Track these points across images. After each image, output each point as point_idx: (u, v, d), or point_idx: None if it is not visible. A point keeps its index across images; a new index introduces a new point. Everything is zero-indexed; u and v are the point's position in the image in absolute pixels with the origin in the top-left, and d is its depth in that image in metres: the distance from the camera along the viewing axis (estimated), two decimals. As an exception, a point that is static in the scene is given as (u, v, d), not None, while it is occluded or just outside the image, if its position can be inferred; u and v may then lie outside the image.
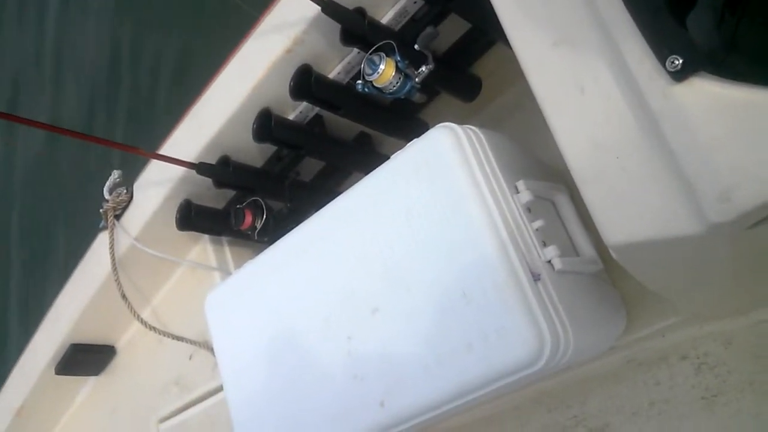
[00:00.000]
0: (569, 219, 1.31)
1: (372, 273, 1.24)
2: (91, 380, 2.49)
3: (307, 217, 1.41)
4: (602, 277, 1.40)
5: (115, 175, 2.12)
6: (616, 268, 1.23)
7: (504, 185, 1.16)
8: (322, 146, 1.90)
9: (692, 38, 0.78)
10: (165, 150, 1.94)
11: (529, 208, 1.18)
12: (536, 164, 1.40)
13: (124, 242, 2.07)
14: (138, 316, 2.05)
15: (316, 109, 1.82)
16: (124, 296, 2.03)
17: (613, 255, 0.92)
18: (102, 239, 2.14)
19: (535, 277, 1.09)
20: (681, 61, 0.78)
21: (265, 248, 1.49)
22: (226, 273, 2.05)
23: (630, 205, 0.85)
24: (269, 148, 1.92)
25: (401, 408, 1.16)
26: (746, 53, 0.76)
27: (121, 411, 2.37)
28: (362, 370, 1.23)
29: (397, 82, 1.55)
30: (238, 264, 1.90)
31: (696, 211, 0.77)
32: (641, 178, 0.83)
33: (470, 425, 1.82)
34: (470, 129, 1.21)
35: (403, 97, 1.60)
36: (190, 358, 2.11)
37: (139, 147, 1.78)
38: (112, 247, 2.05)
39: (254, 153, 1.92)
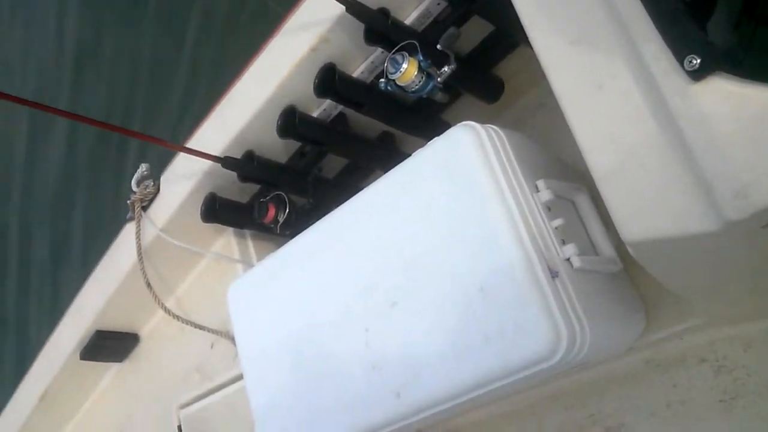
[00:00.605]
0: (589, 219, 1.32)
1: (391, 267, 1.26)
2: (115, 366, 2.56)
3: (329, 212, 1.44)
4: (621, 278, 1.40)
5: (143, 168, 2.17)
6: (635, 269, 1.24)
7: (524, 184, 1.17)
8: (344, 143, 1.93)
9: (710, 38, 0.79)
10: (192, 144, 1.98)
11: (549, 207, 1.19)
12: (557, 164, 1.41)
13: (150, 233, 2.12)
14: (162, 304, 2.10)
15: (340, 107, 1.85)
16: (149, 285, 2.08)
17: (630, 252, 0.93)
18: (128, 230, 2.19)
19: (553, 274, 1.10)
20: (699, 60, 0.79)
21: (287, 242, 1.53)
22: (248, 265, 2.08)
23: (647, 202, 0.85)
24: (293, 144, 1.95)
25: (417, 399, 1.18)
26: (764, 54, 0.77)
27: (143, 397, 2.43)
28: (380, 361, 1.25)
29: (419, 81, 1.57)
30: (261, 257, 1.94)
31: (713, 208, 0.78)
32: (659, 175, 0.84)
33: (487, 422, 1.83)
34: (491, 128, 1.22)
35: (425, 96, 1.62)
36: (211, 347, 2.15)
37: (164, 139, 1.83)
38: (138, 238, 2.10)
39: (278, 149, 1.95)
